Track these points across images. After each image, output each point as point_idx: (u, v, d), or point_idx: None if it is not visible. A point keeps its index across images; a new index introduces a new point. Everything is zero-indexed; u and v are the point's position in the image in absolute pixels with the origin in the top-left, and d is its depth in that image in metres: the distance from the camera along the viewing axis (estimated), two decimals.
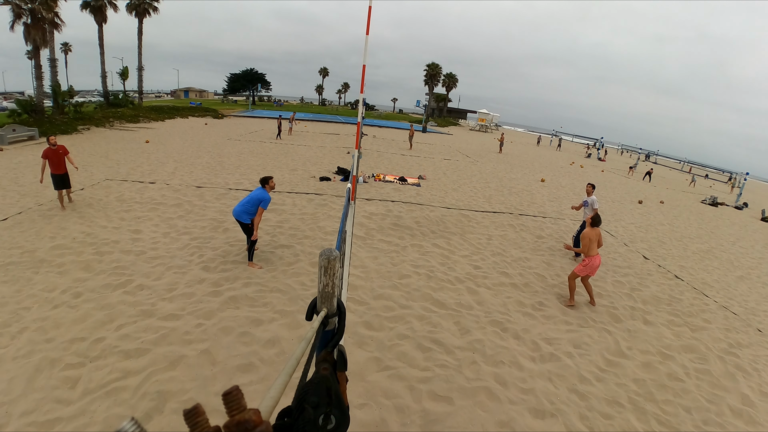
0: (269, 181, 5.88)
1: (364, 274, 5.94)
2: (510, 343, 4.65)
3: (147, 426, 3.05)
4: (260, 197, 5.65)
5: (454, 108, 73.10)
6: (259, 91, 66.09)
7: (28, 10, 18.56)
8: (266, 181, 5.86)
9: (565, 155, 36.86)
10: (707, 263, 9.23)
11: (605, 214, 12.68)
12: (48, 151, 7.44)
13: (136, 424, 0.44)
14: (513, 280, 6.44)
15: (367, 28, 5.57)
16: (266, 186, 5.82)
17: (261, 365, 3.78)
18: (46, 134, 16.42)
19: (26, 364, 3.52)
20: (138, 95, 33.68)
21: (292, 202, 9.47)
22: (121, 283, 5.05)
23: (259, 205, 5.63)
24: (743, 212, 20.33)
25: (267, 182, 5.85)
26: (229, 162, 13.81)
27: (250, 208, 5.67)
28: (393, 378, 3.81)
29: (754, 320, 6.39)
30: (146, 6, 30.36)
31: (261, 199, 5.65)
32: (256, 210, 5.64)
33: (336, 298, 1.21)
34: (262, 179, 5.89)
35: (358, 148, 6.39)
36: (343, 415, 0.93)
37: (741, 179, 26.63)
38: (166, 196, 8.92)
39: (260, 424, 0.50)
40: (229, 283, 5.27)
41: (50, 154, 7.45)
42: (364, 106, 6.65)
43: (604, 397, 3.93)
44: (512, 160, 24.83)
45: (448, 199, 11.61)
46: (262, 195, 5.67)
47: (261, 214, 5.68)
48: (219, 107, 44.57)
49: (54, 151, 7.49)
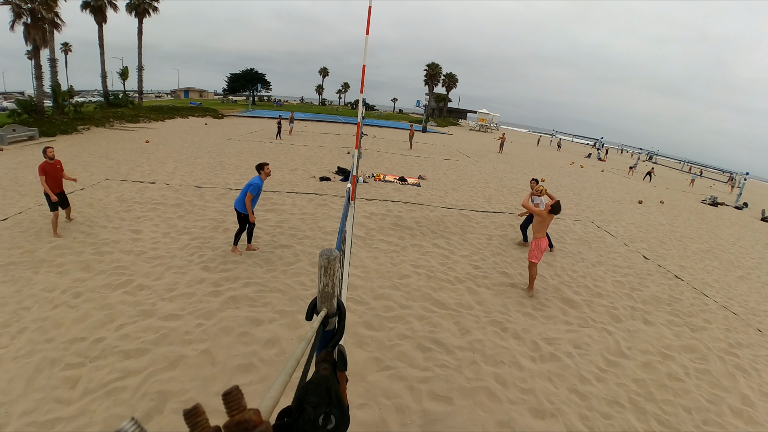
0: (264, 167, 5.98)
1: (364, 274, 5.94)
2: (510, 343, 4.64)
3: (147, 426, 3.05)
4: (250, 183, 5.82)
5: (454, 108, 73.10)
6: (259, 91, 66.11)
7: (28, 10, 18.56)
8: (261, 167, 5.95)
9: (565, 155, 36.86)
10: (707, 263, 9.23)
11: (605, 214, 12.68)
12: (46, 166, 6.27)
13: (136, 424, 0.44)
14: (513, 280, 6.44)
15: (367, 28, 5.57)
16: (261, 172, 5.93)
17: (261, 365, 3.78)
18: (46, 134, 16.43)
19: (26, 364, 3.52)
20: (138, 95, 33.68)
21: (292, 202, 9.47)
22: (121, 283, 5.05)
23: (247, 191, 5.76)
24: (743, 212, 20.33)
25: (262, 168, 5.95)
26: (229, 162, 13.81)
27: (243, 196, 5.84)
28: (393, 378, 3.81)
29: (754, 320, 6.39)
30: (146, 6, 30.35)
31: (250, 184, 5.80)
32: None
33: (336, 298, 1.21)
34: (257, 165, 5.99)
35: (358, 148, 6.39)
36: (343, 415, 0.93)
37: (741, 179, 26.63)
38: (166, 196, 8.92)
39: (260, 424, 0.50)
40: (229, 283, 5.27)
41: (48, 169, 6.29)
42: (364, 106, 6.64)
43: (604, 397, 3.93)
44: (512, 160, 24.84)
45: (448, 199, 11.61)
46: (252, 180, 5.85)
47: (250, 199, 5.79)
48: (219, 107, 44.56)
49: (52, 166, 6.37)
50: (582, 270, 7.33)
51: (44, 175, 6.22)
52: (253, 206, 5.91)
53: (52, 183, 6.34)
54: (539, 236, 5.82)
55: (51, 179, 6.31)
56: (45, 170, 6.25)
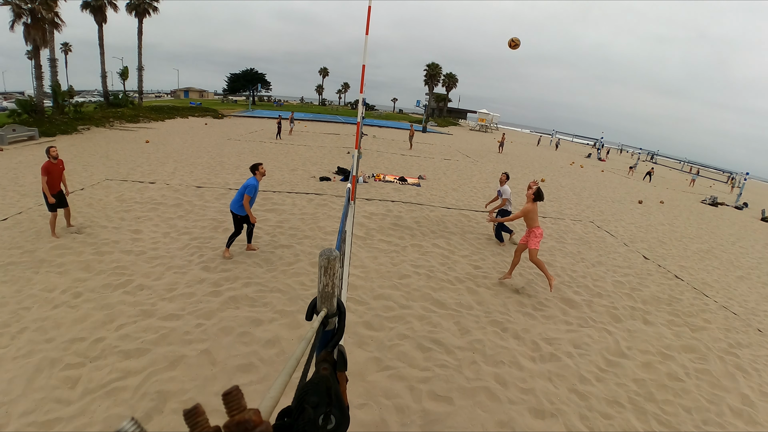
0: (259, 167, 5.93)
1: (364, 274, 5.94)
2: (510, 343, 4.64)
3: (147, 426, 3.05)
4: (246, 184, 5.80)
5: (454, 108, 73.11)
6: (259, 91, 66.11)
7: (28, 10, 18.56)
8: (255, 167, 5.93)
9: (565, 155, 36.87)
10: (707, 263, 9.23)
11: (605, 214, 12.68)
12: (49, 165, 6.22)
13: (136, 424, 0.44)
14: (513, 280, 6.44)
15: (367, 28, 5.57)
16: (256, 173, 5.91)
17: (261, 365, 3.78)
18: (46, 134, 16.42)
19: (26, 364, 3.52)
20: (138, 95, 33.69)
21: (292, 202, 9.47)
22: (121, 283, 5.05)
23: (244, 192, 5.75)
24: (743, 212, 20.33)
25: (257, 168, 5.92)
26: (229, 162, 13.81)
27: (240, 198, 5.82)
28: (393, 378, 3.81)
29: (754, 320, 6.39)
30: (146, 6, 30.36)
31: (246, 185, 5.78)
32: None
33: (336, 298, 1.21)
34: (251, 166, 5.96)
35: (358, 148, 6.39)
36: (343, 415, 0.93)
37: (741, 179, 26.62)
38: (166, 196, 8.92)
39: (260, 424, 0.50)
40: (229, 283, 5.27)
41: (51, 169, 6.25)
42: (364, 106, 6.64)
43: (604, 397, 3.93)
44: (512, 160, 24.83)
45: (448, 199, 11.61)
46: (248, 182, 5.81)
47: (248, 201, 5.76)
48: (219, 107, 44.57)
49: (55, 166, 6.33)
50: (582, 270, 7.33)
51: (47, 175, 6.15)
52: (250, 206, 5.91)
53: (53, 182, 6.29)
54: (535, 225, 5.90)
55: (52, 179, 6.27)
56: (48, 170, 6.19)
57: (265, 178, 11.58)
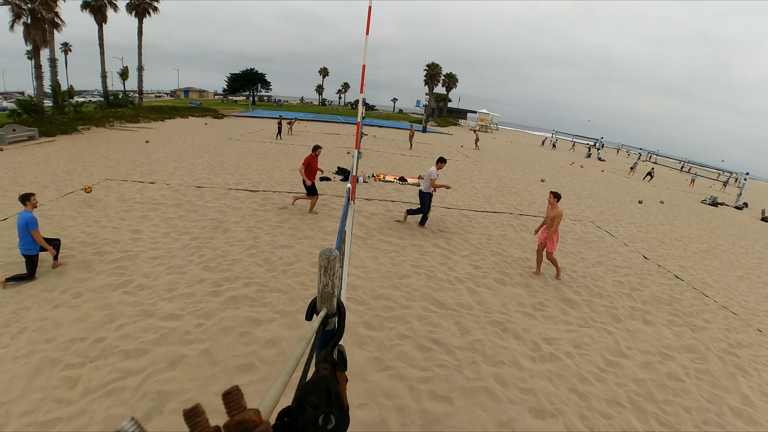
0: (30, 198, 5.07)
1: (364, 274, 5.94)
2: (510, 343, 4.64)
3: (147, 426, 3.05)
4: (23, 221, 4.91)
5: (454, 108, 73.11)
6: (259, 91, 66.11)
7: (28, 10, 18.55)
8: (26, 198, 5.05)
9: (565, 155, 36.86)
10: (707, 263, 9.23)
11: (605, 214, 12.68)
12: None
13: (136, 424, 0.44)
14: (513, 280, 6.44)
15: (367, 28, 5.57)
16: (27, 204, 5.04)
17: (261, 365, 3.78)
18: (46, 134, 16.41)
19: (26, 364, 3.52)
20: (138, 95, 33.67)
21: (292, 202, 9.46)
22: (121, 283, 5.05)
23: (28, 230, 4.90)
24: (743, 212, 20.33)
25: (28, 199, 5.05)
26: (229, 162, 13.80)
27: (26, 238, 4.93)
28: (393, 378, 3.81)
29: (754, 320, 6.39)
30: (146, 6, 30.35)
31: (25, 222, 4.91)
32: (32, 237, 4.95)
33: (336, 298, 1.21)
34: (20, 197, 5.07)
35: (358, 148, 6.39)
36: (343, 415, 0.93)
37: (741, 179, 26.61)
38: (166, 196, 8.92)
39: (260, 424, 0.50)
40: (229, 283, 5.27)
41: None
42: (364, 106, 6.64)
43: (604, 397, 3.93)
44: (512, 160, 24.84)
45: (448, 199, 11.61)
46: (23, 218, 4.93)
47: (38, 235, 4.97)
48: (219, 107, 44.56)
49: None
50: (582, 270, 7.33)
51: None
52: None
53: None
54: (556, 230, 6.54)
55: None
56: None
57: (265, 178, 11.61)
